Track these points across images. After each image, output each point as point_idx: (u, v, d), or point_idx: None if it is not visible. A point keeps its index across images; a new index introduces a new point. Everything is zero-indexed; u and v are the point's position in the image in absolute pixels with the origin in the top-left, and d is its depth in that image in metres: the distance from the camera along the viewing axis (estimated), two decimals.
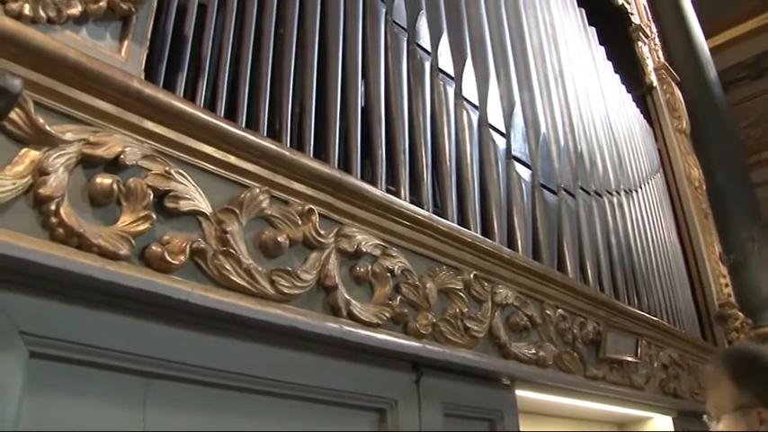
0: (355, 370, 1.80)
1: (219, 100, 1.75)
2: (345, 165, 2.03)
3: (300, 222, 1.69)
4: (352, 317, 1.75)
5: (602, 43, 4.89)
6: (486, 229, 2.54)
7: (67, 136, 1.27)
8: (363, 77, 2.28)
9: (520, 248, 2.66)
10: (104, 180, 1.30)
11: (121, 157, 1.33)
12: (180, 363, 1.41)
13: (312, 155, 1.89)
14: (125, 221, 1.32)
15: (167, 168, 1.42)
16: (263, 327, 1.55)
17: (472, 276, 2.25)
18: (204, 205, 1.48)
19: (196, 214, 1.46)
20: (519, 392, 2.42)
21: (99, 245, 1.25)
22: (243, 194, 1.56)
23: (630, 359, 3.08)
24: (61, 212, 1.22)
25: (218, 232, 1.49)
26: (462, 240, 2.24)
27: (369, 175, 2.11)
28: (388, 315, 1.85)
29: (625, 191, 4.08)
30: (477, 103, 2.83)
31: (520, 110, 3.15)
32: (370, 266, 1.87)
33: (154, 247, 1.35)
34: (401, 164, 2.24)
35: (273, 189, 1.66)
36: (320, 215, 1.76)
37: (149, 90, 1.40)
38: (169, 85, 1.62)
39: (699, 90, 5.95)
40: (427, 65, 2.61)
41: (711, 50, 6.49)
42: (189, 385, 1.44)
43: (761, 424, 1.63)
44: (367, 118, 2.21)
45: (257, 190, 1.60)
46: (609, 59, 4.93)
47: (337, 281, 1.74)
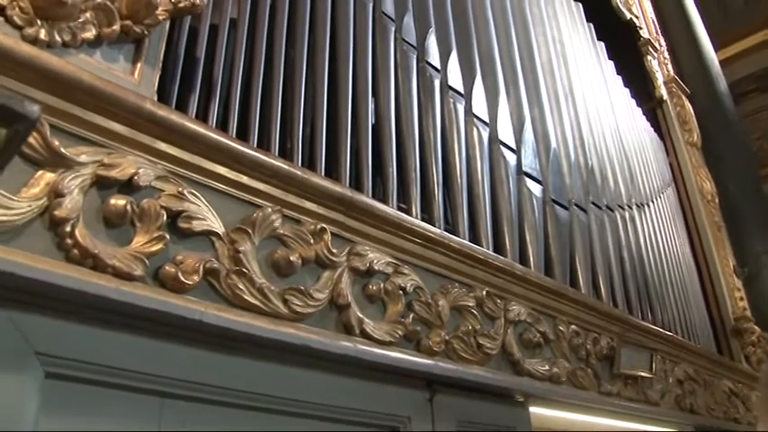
0: (369, 388, 1.80)
1: (231, 120, 1.77)
2: (357, 183, 2.04)
3: (313, 241, 1.69)
4: (365, 335, 1.75)
5: (611, 58, 4.89)
6: (498, 246, 2.53)
7: (82, 158, 1.28)
8: (373, 96, 2.29)
9: (532, 264, 2.65)
10: (118, 201, 1.31)
11: (135, 178, 1.35)
12: (194, 382, 1.41)
13: (323, 173, 1.90)
14: (139, 242, 1.33)
15: (180, 189, 1.43)
16: (276, 346, 1.55)
17: (484, 293, 2.24)
18: (217, 225, 1.48)
19: (209, 234, 1.47)
20: (533, 409, 2.41)
21: (114, 266, 1.26)
22: (255, 214, 1.57)
23: (645, 374, 3.05)
24: (76, 234, 1.23)
25: (231, 252, 1.49)
26: (474, 257, 2.24)
27: (380, 192, 2.12)
28: (400, 333, 1.85)
29: (637, 205, 4.06)
30: (487, 120, 2.83)
31: (530, 126, 3.16)
32: (382, 284, 1.87)
33: (168, 268, 1.36)
34: (412, 181, 2.24)
35: (285, 208, 1.66)
36: (332, 234, 1.76)
37: (162, 112, 1.42)
38: (181, 106, 1.64)
39: (709, 102, 5.94)
40: (437, 82, 2.62)
41: (720, 63, 6.48)
42: (203, 405, 1.44)
43: None
44: (378, 136, 2.22)
45: (269, 209, 1.61)
46: (618, 74, 4.93)
47: (350, 299, 1.74)
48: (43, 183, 1.21)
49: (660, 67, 5.89)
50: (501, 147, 2.83)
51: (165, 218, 1.38)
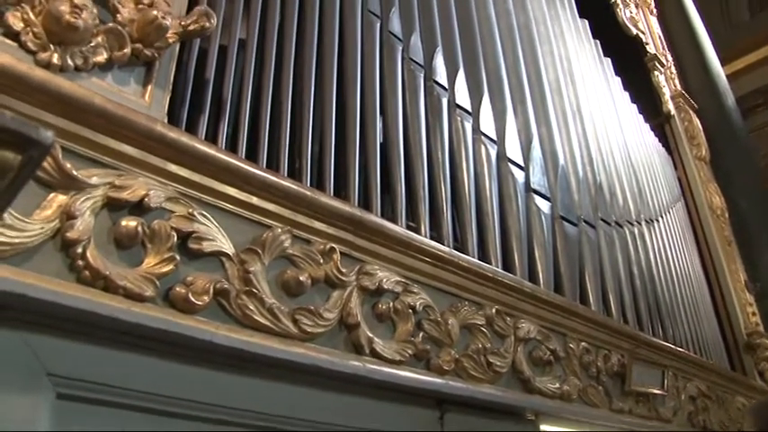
0: (379, 407, 1.79)
1: (240, 140, 1.78)
2: (365, 202, 2.04)
3: (322, 261, 1.70)
4: (375, 354, 1.74)
5: (618, 73, 4.90)
6: (508, 264, 2.53)
7: (93, 180, 1.29)
8: (381, 115, 2.30)
9: (541, 282, 2.65)
10: (129, 223, 1.32)
11: (146, 199, 1.36)
12: (205, 403, 1.41)
13: (332, 193, 1.90)
14: (150, 263, 1.34)
15: (190, 210, 1.44)
16: (286, 366, 1.55)
17: (494, 311, 2.23)
18: (227, 246, 1.49)
19: (219, 255, 1.47)
20: (544, 427, 2.39)
21: (125, 287, 1.27)
22: (265, 234, 1.58)
23: (657, 391, 3.03)
24: (88, 255, 1.24)
25: (240, 272, 1.50)
26: (484, 275, 2.23)
27: (389, 211, 2.12)
28: (410, 352, 1.85)
29: (646, 221, 4.05)
30: (495, 138, 2.84)
31: (538, 143, 3.16)
32: (391, 303, 1.87)
33: (178, 289, 1.36)
34: (421, 199, 2.25)
35: (295, 228, 1.67)
36: (342, 253, 1.76)
37: (173, 134, 1.43)
38: (191, 128, 1.65)
39: (717, 117, 5.94)
40: (444, 101, 2.63)
41: (727, 77, 6.47)
42: (214, 425, 1.44)
43: None
44: (386, 155, 2.23)
45: (279, 230, 1.61)
46: (625, 89, 4.94)
47: (360, 318, 1.74)
48: (55, 205, 1.23)
49: (667, 82, 5.89)
50: (509, 164, 2.83)
51: (175, 239, 1.39)
